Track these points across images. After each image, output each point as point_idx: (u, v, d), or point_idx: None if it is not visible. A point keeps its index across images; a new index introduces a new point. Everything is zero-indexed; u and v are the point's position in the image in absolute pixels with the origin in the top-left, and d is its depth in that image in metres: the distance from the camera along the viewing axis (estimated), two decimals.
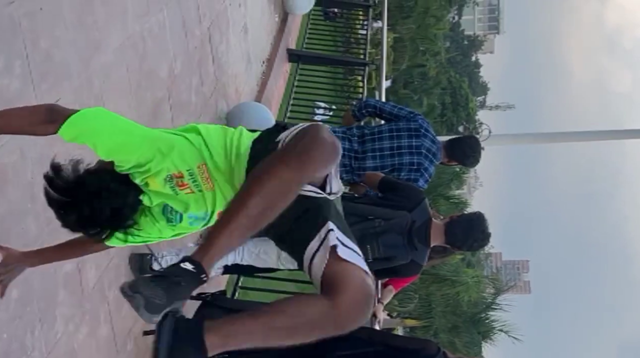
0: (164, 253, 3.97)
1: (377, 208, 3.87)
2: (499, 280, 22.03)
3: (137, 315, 3.79)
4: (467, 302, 18.66)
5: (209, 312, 4.06)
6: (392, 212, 3.84)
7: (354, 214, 3.77)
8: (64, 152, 3.08)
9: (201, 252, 1.63)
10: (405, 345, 4.00)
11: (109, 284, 3.58)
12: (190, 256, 1.63)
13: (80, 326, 3.24)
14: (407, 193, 3.98)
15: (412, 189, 4.07)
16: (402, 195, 3.95)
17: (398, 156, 4.42)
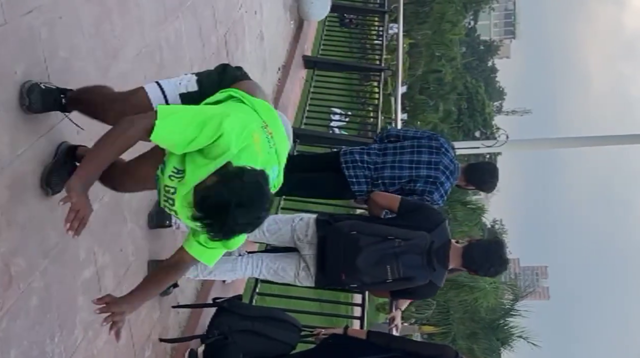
0: None
1: (396, 228, 3.87)
2: (517, 286, 21.91)
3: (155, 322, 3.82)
4: (485, 308, 18.55)
5: (225, 319, 4.07)
6: (412, 233, 3.83)
7: (373, 234, 3.81)
8: None
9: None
10: (423, 351, 3.98)
11: (127, 291, 3.58)
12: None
13: (100, 332, 3.26)
14: (426, 214, 3.97)
15: (432, 210, 4.06)
16: (422, 216, 3.94)
17: (416, 169, 4.51)
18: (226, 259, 4.08)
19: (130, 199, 3.69)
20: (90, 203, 2.36)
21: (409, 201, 4.12)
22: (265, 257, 4.04)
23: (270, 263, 4.03)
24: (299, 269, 4.00)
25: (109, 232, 3.42)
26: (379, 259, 3.77)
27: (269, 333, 4.09)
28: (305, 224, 3.99)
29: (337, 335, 4.24)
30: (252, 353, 4.10)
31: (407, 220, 3.93)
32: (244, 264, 4.03)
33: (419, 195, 4.59)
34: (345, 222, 3.92)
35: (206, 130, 2.25)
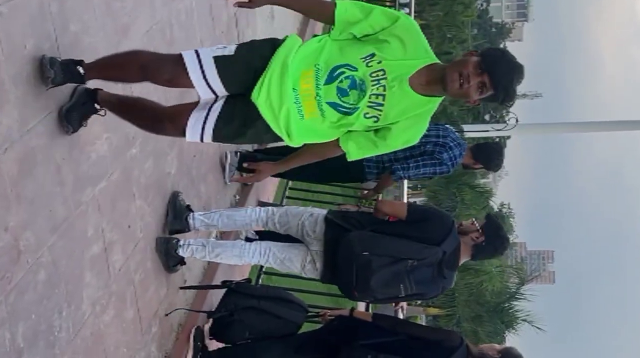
0: (190, 241, 4.01)
1: (408, 245, 3.87)
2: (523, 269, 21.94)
3: (162, 299, 3.85)
4: (490, 292, 18.59)
5: (234, 299, 4.10)
6: (424, 251, 3.86)
7: (385, 255, 3.82)
8: (96, 131, 3.12)
9: None
10: (428, 336, 4.00)
11: (135, 267, 3.62)
12: None
13: (107, 308, 3.28)
14: (435, 223, 3.94)
15: (440, 217, 4.01)
16: (431, 226, 3.92)
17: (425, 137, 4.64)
18: (234, 244, 4.11)
19: (139, 176, 3.70)
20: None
21: (416, 208, 4.09)
22: (273, 246, 4.07)
23: (278, 253, 4.06)
24: (306, 262, 4.04)
25: (118, 209, 3.43)
26: (391, 278, 3.86)
27: (275, 311, 4.11)
28: (315, 221, 4.02)
29: (343, 317, 4.26)
30: (258, 331, 4.12)
31: (416, 230, 3.90)
32: (252, 251, 4.05)
33: (429, 155, 4.77)
34: (355, 237, 3.88)
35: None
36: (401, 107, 2.75)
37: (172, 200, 4.13)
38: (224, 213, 4.18)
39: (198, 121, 2.77)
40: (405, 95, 2.73)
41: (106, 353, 3.26)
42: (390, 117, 2.76)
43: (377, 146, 2.86)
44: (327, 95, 2.71)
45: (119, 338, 3.41)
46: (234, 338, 4.17)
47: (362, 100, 2.71)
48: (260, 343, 4.16)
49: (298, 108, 2.74)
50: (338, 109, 2.74)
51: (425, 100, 2.77)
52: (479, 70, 2.64)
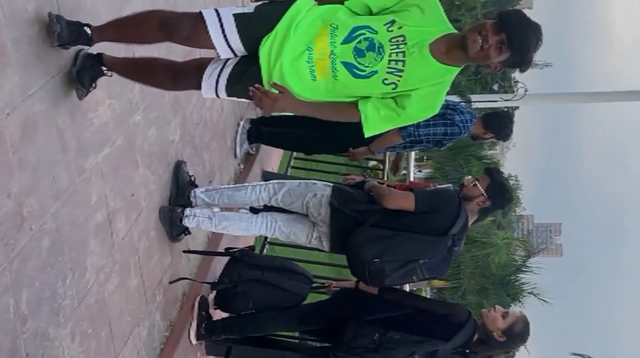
0: (196, 212, 4.03)
1: (419, 246, 3.87)
2: (529, 242, 21.96)
3: (166, 268, 3.87)
4: (496, 264, 18.63)
5: (236, 268, 4.11)
6: (435, 247, 3.87)
7: (397, 259, 3.86)
8: (99, 98, 3.11)
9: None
10: (435, 310, 4.01)
11: (138, 236, 3.64)
12: None
13: (111, 276, 3.31)
14: (444, 210, 3.89)
15: (448, 203, 3.93)
16: (441, 214, 3.89)
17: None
18: (240, 217, 4.13)
19: (143, 143, 3.70)
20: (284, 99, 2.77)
21: (424, 199, 3.94)
22: (280, 220, 4.09)
23: (284, 227, 4.10)
24: (312, 238, 4.08)
25: (121, 176, 3.43)
26: (404, 276, 3.94)
27: (279, 283, 4.13)
28: (319, 202, 4.00)
29: (348, 290, 4.28)
30: (262, 302, 4.15)
31: (425, 222, 3.88)
32: (258, 224, 4.09)
33: (440, 116, 4.80)
34: (361, 241, 3.87)
35: None
36: (421, 73, 2.76)
37: (176, 172, 4.13)
38: (224, 192, 4.15)
39: (212, 75, 2.85)
40: (426, 62, 2.75)
41: (110, 321, 3.29)
42: (410, 84, 2.77)
43: (399, 115, 2.83)
44: (342, 55, 2.72)
45: (123, 307, 3.44)
46: (238, 309, 4.20)
47: (379, 64, 2.72)
48: (265, 313, 4.19)
49: (310, 68, 2.74)
50: (353, 72, 2.73)
51: (444, 69, 2.79)
52: (496, 29, 2.67)
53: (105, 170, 3.25)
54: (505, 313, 3.95)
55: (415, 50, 2.73)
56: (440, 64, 2.77)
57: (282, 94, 2.74)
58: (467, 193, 4.04)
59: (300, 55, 2.74)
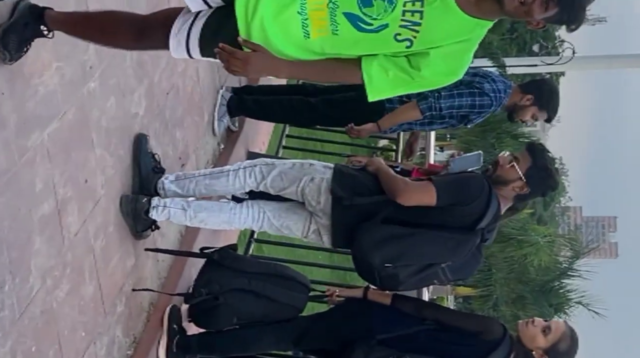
0: (167, 201, 4.01)
1: (440, 248, 3.90)
2: (577, 240, 21.99)
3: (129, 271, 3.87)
4: (536, 267, 18.68)
5: (216, 275, 4.09)
6: (460, 248, 3.91)
7: (414, 265, 3.92)
8: (44, 60, 3.10)
9: None
10: (463, 325, 3.99)
11: (95, 232, 3.64)
12: None
13: (61, 282, 3.31)
14: (473, 206, 3.89)
15: (478, 196, 3.91)
16: (468, 210, 3.89)
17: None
18: (221, 207, 4.11)
19: (100, 117, 3.70)
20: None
21: (447, 189, 3.91)
22: (269, 210, 4.08)
23: (274, 218, 4.10)
24: (309, 231, 4.08)
25: (73, 159, 3.43)
26: (423, 280, 4.02)
27: (270, 293, 4.12)
28: (317, 189, 3.99)
29: (355, 300, 4.28)
30: (249, 316, 4.14)
31: (449, 215, 3.88)
32: (243, 216, 4.08)
33: (467, 84, 4.84)
34: (368, 243, 3.90)
35: None
36: (444, 28, 2.69)
37: (136, 153, 4.11)
38: (200, 181, 4.13)
39: (183, 29, 2.81)
40: (450, 14, 2.67)
41: (60, 337, 3.30)
42: (429, 41, 2.70)
43: (413, 78, 2.77)
44: (344, 4, 2.65)
45: (76, 319, 3.44)
46: (219, 325, 4.20)
47: (390, 15, 2.65)
48: (251, 329, 4.19)
49: (303, 22, 2.68)
50: (358, 25, 2.67)
51: (473, 23, 2.71)
52: None
53: (52, 150, 3.24)
54: (547, 328, 3.91)
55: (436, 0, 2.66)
56: (467, 17, 2.69)
57: (254, 53, 2.68)
58: (501, 175, 4.01)
59: (289, 5, 2.67)
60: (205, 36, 2.80)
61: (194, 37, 2.81)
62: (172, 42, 2.83)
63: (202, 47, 2.82)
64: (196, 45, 2.82)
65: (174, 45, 2.84)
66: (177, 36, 2.82)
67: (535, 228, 18.91)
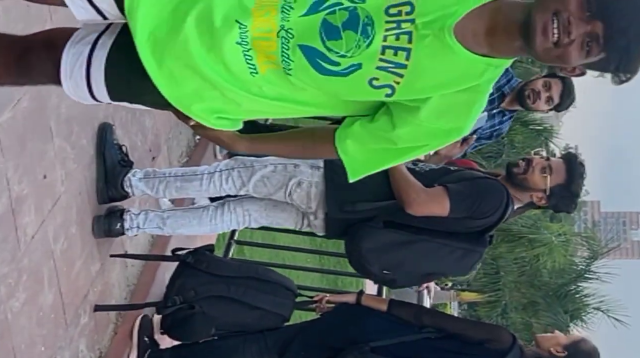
0: (140, 221, 4.12)
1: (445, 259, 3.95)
2: (595, 239, 22.10)
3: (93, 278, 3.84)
4: (549, 270, 18.77)
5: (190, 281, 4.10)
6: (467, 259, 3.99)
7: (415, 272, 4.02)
8: None
9: None
10: (467, 333, 4.01)
11: (54, 234, 3.63)
12: None
13: (16, 290, 3.29)
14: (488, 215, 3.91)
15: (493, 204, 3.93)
16: (482, 222, 3.92)
17: None
18: (200, 219, 4.17)
19: (59, 104, 3.68)
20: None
21: (462, 200, 3.89)
22: (254, 211, 4.12)
23: (261, 219, 4.17)
24: (302, 226, 4.18)
25: (29, 151, 3.42)
26: (422, 280, 4.18)
27: (252, 300, 4.13)
28: (306, 195, 4.01)
29: (347, 306, 4.28)
30: (229, 326, 4.15)
31: (459, 224, 3.92)
32: (226, 222, 4.15)
33: None
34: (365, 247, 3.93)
35: None
36: (440, 72, 2.18)
37: (102, 149, 4.11)
38: (171, 183, 4.15)
39: (79, 65, 2.25)
40: (448, 53, 2.14)
41: (15, 352, 3.28)
42: (418, 89, 2.18)
43: (396, 144, 2.30)
44: (301, 33, 2.12)
45: (34, 332, 3.43)
46: (195, 336, 4.20)
47: (365, 52, 2.12)
48: (231, 340, 4.20)
49: (245, 53, 2.14)
50: (318, 65, 2.14)
51: (483, 64, 2.20)
52: (586, 12, 2.04)
53: (5, 142, 3.22)
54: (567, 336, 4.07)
55: (429, 33, 2.12)
56: (474, 56, 2.17)
57: (238, 137, 2.41)
58: (528, 180, 4.05)
59: (223, 35, 2.13)
60: (112, 78, 2.25)
61: (96, 76, 2.24)
62: (66, 85, 2.28)
63: (112, 90, 2.26)
64: (103, 89, 2.26)
65: (71, 87, 2.28)
66: (72, 76, 2.25)
67: (548, 226, 18.94)
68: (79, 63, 2.23)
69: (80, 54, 2.23)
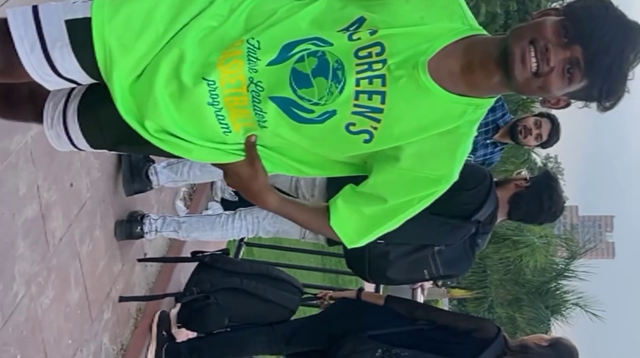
0: (158, 224, 4.14)
1: (435, 230, 3.89)
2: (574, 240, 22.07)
3: (116, 277, 3.84)
4: (532, 268, 18.76)
5: (207, 276, 4.12)
6: (455, 233, 3.91)
7: (407, 244, 3.91)
8: None
9: None
10: (456, 325, 4.02)
11: (80, 236, 3.63)
12: None
13: (46, 288, 3.29)
14: (471, 193, 3.90)
15: (478, 184, 3.94)
16: (466, 197, 3.89)
17: None
18: (213, 225, 4.20)
19: None
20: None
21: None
22: (263, 218, 4.14)
23: (269, 226, 4.16)
24: (306, 233, 4.16)
25: (57, 162, 3.42)
26: (412, 266, 3.97)
27: (262, 293, 4.14)
28: (312, 181, 4.06)
29: (347, 301, 4.29)
30: (240, 317, 4.15)
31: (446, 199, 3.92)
32: (236, 229, 4.17)
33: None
34: None
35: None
36: (417, 115, 1.93)
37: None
38: (194, 164, 4.20)
39: (57, 117, 2.10)
40: (424, 94, 1.90)
41: (45, 345, 3.28)
42: (397, 135, 1.93)
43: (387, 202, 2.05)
44: (272, 85, 1.88)
45: (62, 326, 3.43)
46: (210, 326, 4.21)
47: (338, 99, 1.87)
48: (243, 332, 4.19)
49: (217, 113, 1.91)
50: (292, 113, 1.90)
51: (463, 103, 1.94)
52: (563, 38, 1.83)
53: (35, 153, 3.23)
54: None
55: (403, 73, 1.88)
56: (452, 96, 1.91)
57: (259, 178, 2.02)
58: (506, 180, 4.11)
59: (191, 96, 1.89)
60: (86, 123, 2.07)
61: (72, 124, 2.08)
62: (49, 134, 2.12)
63: (89, 137, 2.08)
64: (80, 137, 2.09)
65: (53, 138, 2.13)
66: (54, 127, 2.10)
67: (530, 229, 18.94)
68: (57, 114, 2.08)
69: (56, 107, 2.09)
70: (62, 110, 2.07)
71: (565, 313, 19.74)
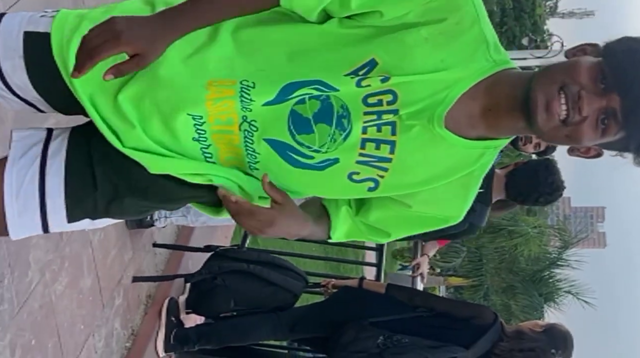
0: (168, 212, 4.09)
1: None
2: (566, 231, 22.08)
3: (127, 264, 3.83)
4: (526, 257, 18.78)
5: (217, 262, 4.15)
6: None
7: None
8: None
9: None
10: (454, 312, 4.02)
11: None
12: None
13: (59, 275, 3.30)
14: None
15: None
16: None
17: None
18: None
19: None
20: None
21: None
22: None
23: None
24: None
25: None
26: None
27: (267, 276, 4.15)
28: None
29: (350, 289, 4.29)
30: (246, 300, 4.16)
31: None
32: None
33: None
34: None
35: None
36: (429, 165, 1.70)
37: None
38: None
39: (28, 186, 1.68)
40: (438, 144, 1.65)
41: (59, 330, 3.29)
42: (404, 184, 1.72)
43: (390, 235, 1.89)
44: (267, 126, 1.62)
45: (75, 312, 3.44)
46: (217, 308, 4.22)
47: (342, 146, 1.63)
48: (248, 318, 4.20)
49: (204, 150, 1.66)
50: (288, 156, 1.65)
51: (479, 148, 1.70)
52: (600, 85, 1.55)
53: None
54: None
55: (416, 124, 1.62)
56: (469, 142, 1.67)
57: (280, 211, 1.66)
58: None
59: (178, 130, 1.63)
60: (74, 195, 1.69)
61: (54, 204, 1.69)
62: (12, 222, 1.67)
63: (72, 207, 1.70)
64: (64, 217, 1.71)
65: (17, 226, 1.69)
66: (23, 214, 1.68)
67: (525, 219, 19.00)
68: (27, 179, 1.66)
69: (26, 165, 1.67)
70: (37, 181, 1.67)
71: (557, 301, 19.76)
